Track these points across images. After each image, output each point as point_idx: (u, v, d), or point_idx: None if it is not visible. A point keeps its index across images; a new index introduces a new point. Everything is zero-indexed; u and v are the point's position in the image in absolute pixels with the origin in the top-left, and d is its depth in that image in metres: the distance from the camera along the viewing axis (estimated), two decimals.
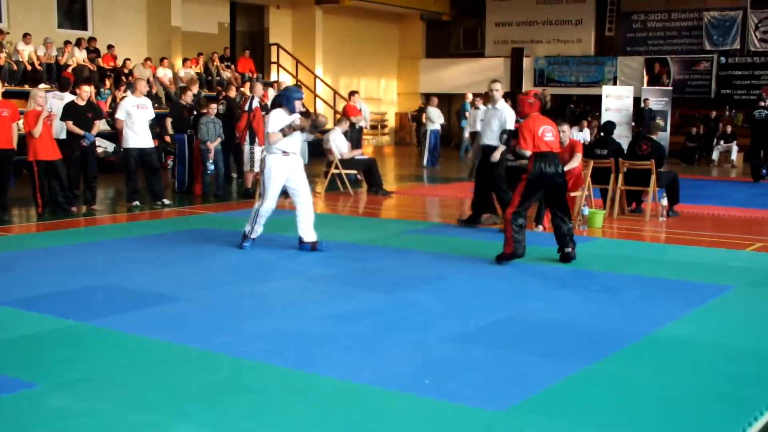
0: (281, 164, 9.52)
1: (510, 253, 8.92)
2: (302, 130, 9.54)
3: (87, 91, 13.45)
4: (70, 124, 12.93)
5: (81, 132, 12.88)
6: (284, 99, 9.68)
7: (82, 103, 13.17)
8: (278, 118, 9.48)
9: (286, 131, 9.39)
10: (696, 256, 9.79)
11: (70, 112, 13.02)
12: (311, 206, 9.72)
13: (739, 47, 26.99)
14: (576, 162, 11.56)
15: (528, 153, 9.00)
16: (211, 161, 15.04)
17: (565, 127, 11.55)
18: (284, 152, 9.50)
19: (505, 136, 9.91)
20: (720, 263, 9.30)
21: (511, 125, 11.12)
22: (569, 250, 9.07)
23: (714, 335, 6.50)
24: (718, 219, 13.13)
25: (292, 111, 9.54)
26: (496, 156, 11.18)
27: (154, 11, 24.14)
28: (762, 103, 20.28)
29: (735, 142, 24.31)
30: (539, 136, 8.93)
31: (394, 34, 32.98)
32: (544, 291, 7.96)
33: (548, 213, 11.51)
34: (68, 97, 14.19)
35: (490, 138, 11.37)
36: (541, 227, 11.50)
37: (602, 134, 13.49)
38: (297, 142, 9.65)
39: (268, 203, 9.56)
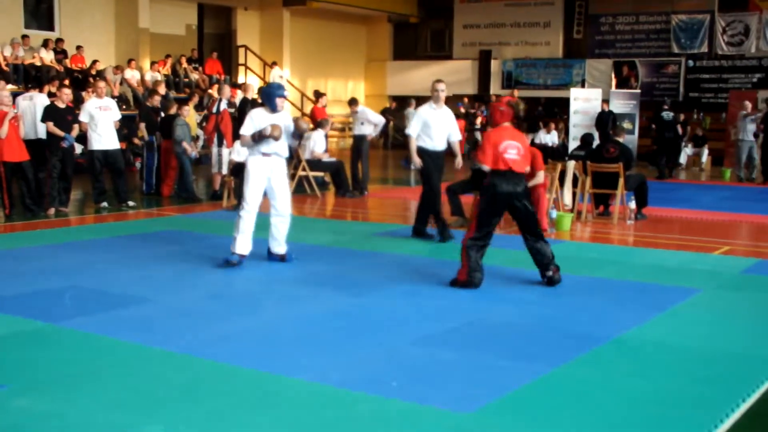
0: (260, 166, 8.85)
1: (464, 281, 8.06)
2: (275, 139, 8.73)
3: (67, 93, 13.50)
4: (51, 125, 12.92)
5: (61, 133, 12.86)
6: (264, 96, 9.00)
7: (62, 105, 13.21)
8: (253, 119, 8.83)
9: (255, 137, 8.74)
10: (664, 259, 9.82)
11: (50, 113, 13.02)
12: (287, 216, 9.12)
13: (706, 50, 27.21)
14: (539, 179, 11.35)
15: (486, 168, 8.07)
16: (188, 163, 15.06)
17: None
18: (264, 153, 8.85)
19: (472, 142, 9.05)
20: (688, 266, 9.35)
21: (455, 127, 10.75)
22: (550, 273, 8.18)
23: (681, 338, 6.52)
24: (686, 222, 13.20)
25: (273, 109, 8.85)
26: (459, 162, 10.81)
27: (122, 12, 23.99)
28: (665, 106, 21.75)
29: (705, 145, 24.45)
30: (500, 152, 7.98)
31: (362, 36, 32.99)
32: (512, 294, 7.94)
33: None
34: (39, 98, 14.21)
35: (441, 143, 10.54)
36: None
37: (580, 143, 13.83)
38: (280, 143, 8.90)
39: (247, 208, 8.86)
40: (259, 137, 8.74)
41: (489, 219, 8.06)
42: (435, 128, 10.42)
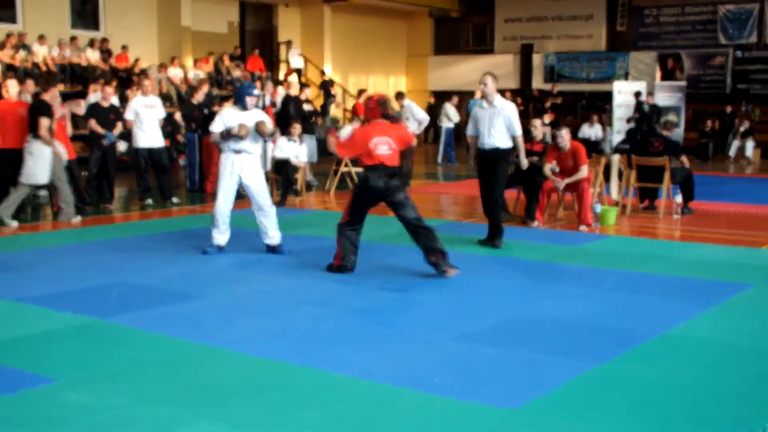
0: (231, 163, 9.18)
1: (338, 265, 8.43)
2: (242, 138, 9.04)
3: (110, 92, 13.89)
4: (93, 123, 13.22)
5: (102, 131, 13.11)
6: (236, 95, 9.40)
7: (106, 104, 13.56)
8: (224, 117, 9.24)
9: (224, 135, 9.10)
10: (711, 254, 9.68)
11: (93, 111, 13.39)
12: (267, 209, 9.32)
13: (755, 41, 26.76)
14: (583, 173, 11.22)
15: (334, 150, 8.73)
16: None
17: (564, 132, 11.37)
18: (235, 151, 9.18)
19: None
20: (736, 261, 9.20)
21: (516, 122, 10.06)
22: (433, 259, 8.23)
23: (731, 334, 6.42)
24: (734, 216, 13.00)
25: (244, 108, 9.19)
26: (525, 162, 10.42)
27: (165, 11, 24.23)
28: (641, 98, 22.75)
29: (750, 137, 24.10)
30: (371, 148, 8.27)
31: (403, 31, 32.95)
32: (556, 289, 7.88)
33: (540, 207, 11.44)
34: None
35: (498, 140, 9.98)
36: (536, 222, 11.36)
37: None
38: (249, 141, 9.22)
39: (219, 203, 9.22)
40: (227, 135, 9.09)
41: (360, 209, 8.48)
42: (490, 125, 10.08)
